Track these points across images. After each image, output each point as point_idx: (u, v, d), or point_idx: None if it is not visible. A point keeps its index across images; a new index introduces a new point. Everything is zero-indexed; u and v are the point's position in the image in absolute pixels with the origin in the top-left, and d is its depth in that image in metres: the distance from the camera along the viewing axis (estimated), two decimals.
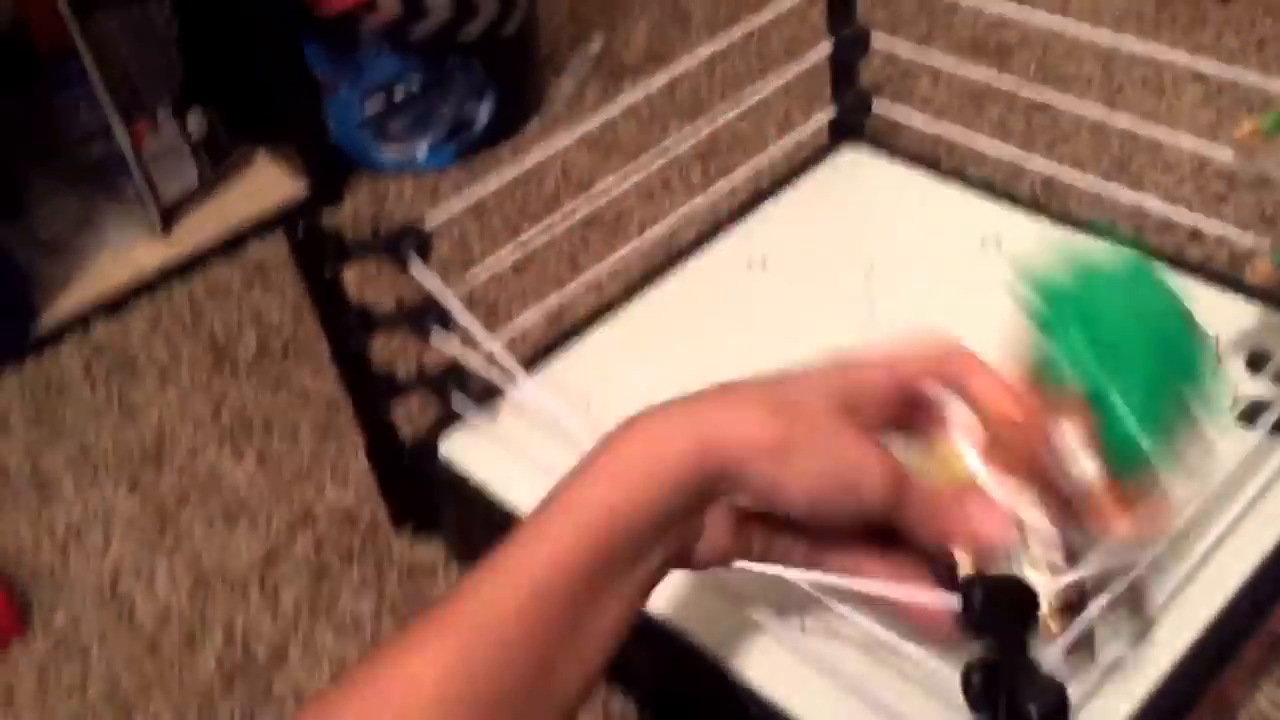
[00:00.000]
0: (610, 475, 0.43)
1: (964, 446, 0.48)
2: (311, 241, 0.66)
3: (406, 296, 0.71)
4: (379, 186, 1.12)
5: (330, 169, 1.11)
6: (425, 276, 0.67)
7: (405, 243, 0.67)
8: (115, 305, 1.00)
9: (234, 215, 1.08)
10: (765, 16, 0.85)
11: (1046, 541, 0.46)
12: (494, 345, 0.66)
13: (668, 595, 0.60)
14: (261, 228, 1.08)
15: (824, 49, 0.88)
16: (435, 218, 0.71)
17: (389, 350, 0.91)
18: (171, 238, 1.06)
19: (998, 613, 0.43)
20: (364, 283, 0.90)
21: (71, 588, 0.78)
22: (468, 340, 0.69)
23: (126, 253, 1.05)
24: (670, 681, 0.64)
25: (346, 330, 0.69)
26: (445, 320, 0.68)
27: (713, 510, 0.46)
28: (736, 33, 0.84)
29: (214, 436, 0.87)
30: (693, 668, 0.59)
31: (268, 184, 1.12)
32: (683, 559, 0.46)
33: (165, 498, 0.83)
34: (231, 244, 1.06)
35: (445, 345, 0.69)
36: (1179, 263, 0.77)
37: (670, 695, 0.65)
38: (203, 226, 1.07)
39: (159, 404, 0.90)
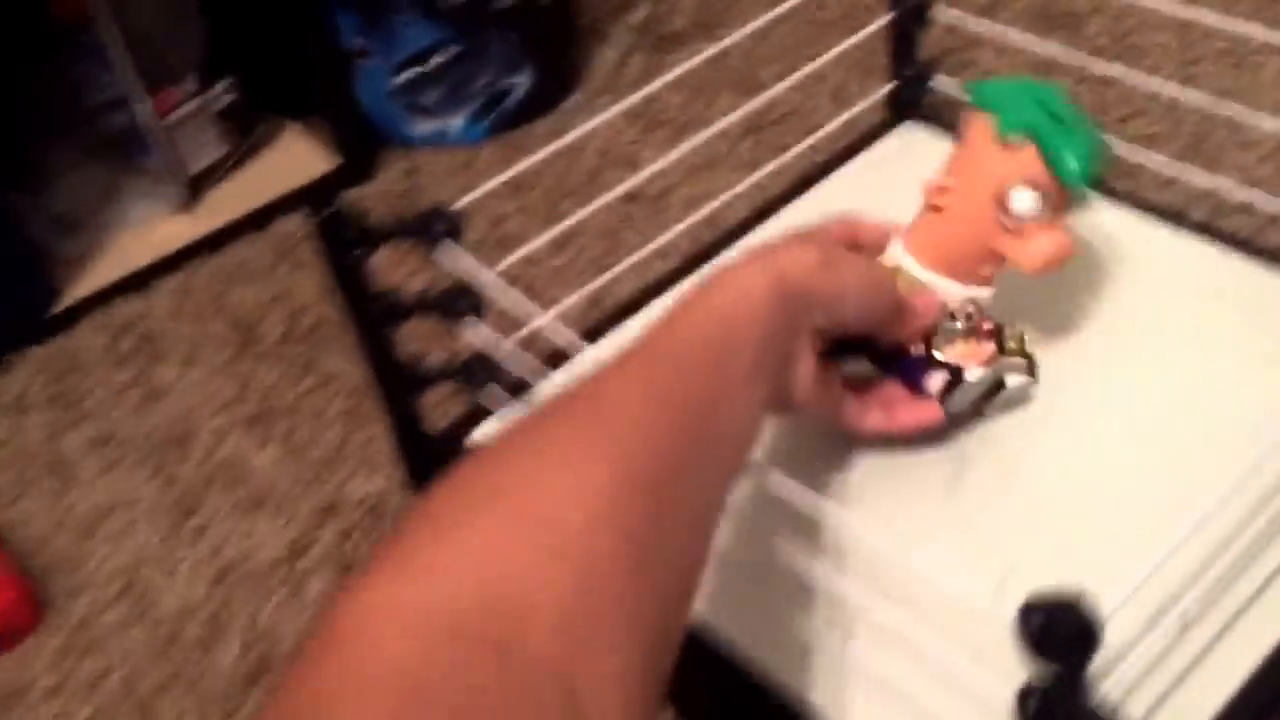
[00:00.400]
0: (711, 309, 0.47)
1: (902, 258, 0.60)
2: (336, 225, 0.62)
3: (437, 280, 0.67)
4: (411, 161, 1.08)
5: (361, 143, 1.07)
6: (458, 261, 0.62)
7: (435, 226, 0.62)
8: (139, 282, 0.97)
9: (262, 190, 1.05)
10: None
11: (960, 306, 0.59)
12: (545, 319, 0.62)
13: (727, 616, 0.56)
14: (290, 203, 1.04)
15: (882, 20, 0.83)
16: (468, 198, 0.67)
17: (421, 335, 0.87)
18: (197, 212, 1.03)
19: (1056, 638, 0.40)
20: (395, 262, 0.87)
21: (91, 577, 0.75)
22: (502, 328, 0.66)
23: (150, 228, 1.01)
24: (729, 707, 0.60)
25: (373, 318, 0.65)
26: (478, 307, 0.64)
27: (798, 354, 0.50)
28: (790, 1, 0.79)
29: (239, 421, 0.84)
30: (750, 692, 0.56)
31: (296, 158, 1.08)
32: (781, 399, 0.50)
33: (188, 484, 0.80)
34: (259, 219, 1.03)
35: (476, 335, 0.65)
36: (1255, 248, 0.72)
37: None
38: (229, 201, 1.04)
39: (183, 386, 0.87)
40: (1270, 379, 0.64)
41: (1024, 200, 0.57)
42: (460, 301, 0.64)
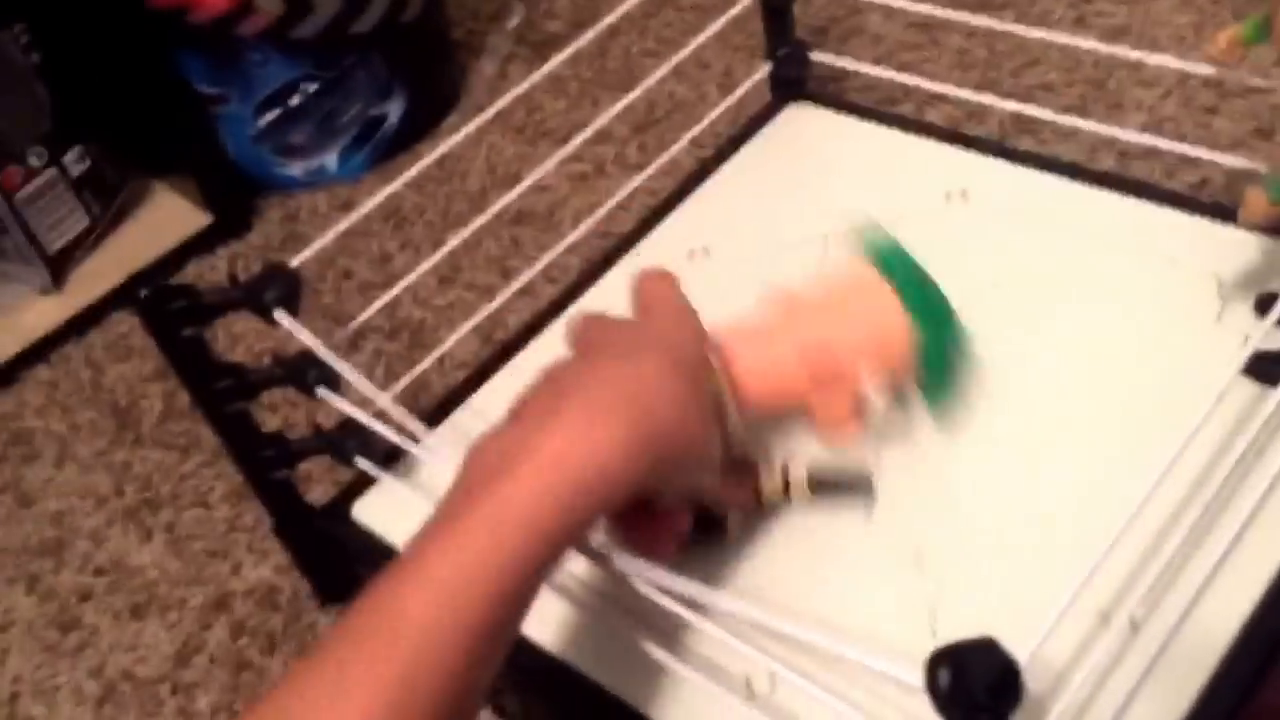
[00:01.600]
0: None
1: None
2: (159, 304, 0.56)
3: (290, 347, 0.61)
4: (290, 206, 1.02)
5: (233, 195, 1.01)
6: (296, 330, 0.57)
7: (267, 293, 0.57)
8: (7, 375, 0.91)
9: (134, 257, 0.98)
10: None
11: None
12: (386, 402, 0.56)
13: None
14: (166, 267, 0.98)
15: None
16: (306, 252, 0.61)
17: (288, 405, 0.81)
18: (65, 291, 0.97)
19: (969, 691, 0.36)
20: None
21: None
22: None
23: (15, 315, 0.95)
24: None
25: (220, 396, 0.59)
26: (330, 377, 0.58)
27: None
28: None
29: (118, 516, 0.78)
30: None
31: (169, 218, 1.02)
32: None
33: (67, 596, 0.74)
34: (132, 289, 0.96)
35: (337, 402, 0.60)
36: (1169, 195, 0.67)
37: None
38: (100, 274, 0.97)
39: (57, 486, 0.81)
40: (1199, 329, 0.59)
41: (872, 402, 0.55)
42: (309, 372, 0.58)
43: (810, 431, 0.58)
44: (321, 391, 0.59)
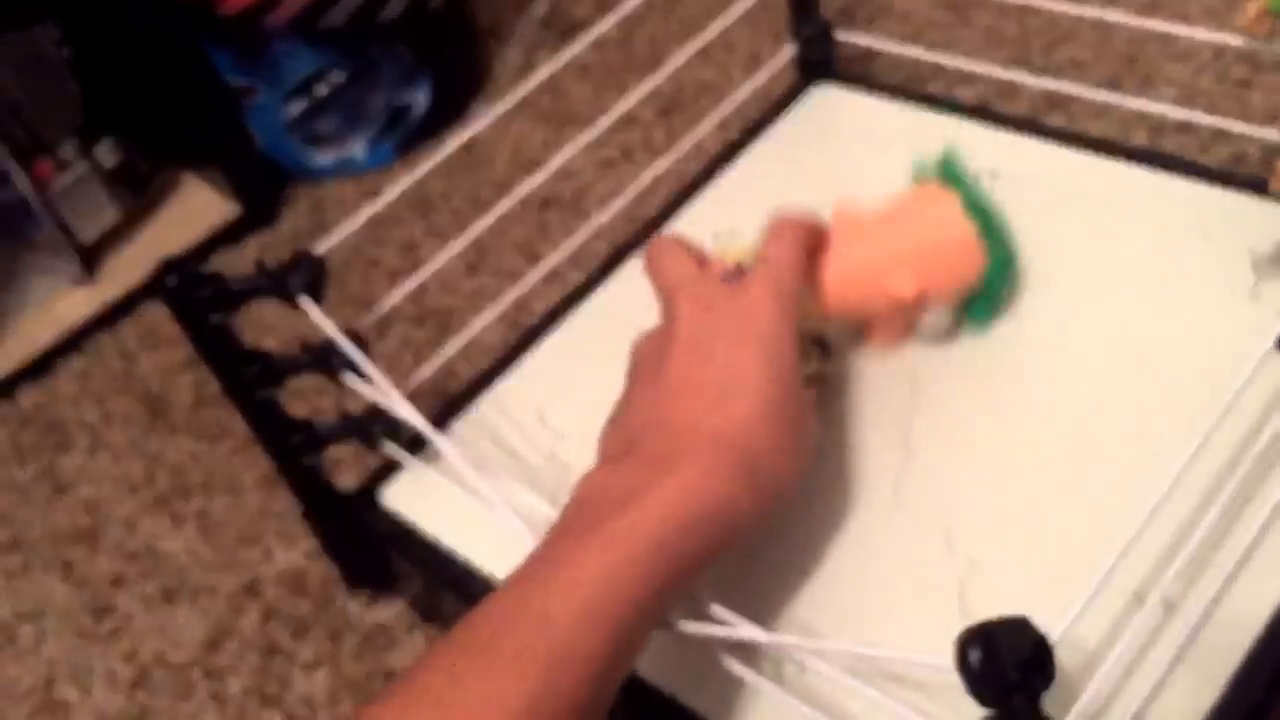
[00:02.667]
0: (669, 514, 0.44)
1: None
2: (187, 291, 0.57)
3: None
4: (318, 196, 1.02)
5: (261, 185, 1.01)
6: (318, 316, 0.57)
7: (294, 279, 0.57)
8: (40, 366, 0.91)
9: (163, 248, 0.99)
10: None
11: None
12: (397, 398, 0.56)
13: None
14: (197, 257, 0.99)
15: None
16: (334, 238, 0.61)
17: (316, 393, 0.81)
18: (97, 282, 0.97)
19: (1000, 670, 0.36)
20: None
21: (4, 696, 0.70)
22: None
23: (48, 306, 0.95)
24: None
25: (248, 382, 0.60)
26: (354, 362, 0.58)
27: None
28: None
29: (150, 503, 0.78)
30: None
31: (198, 209, 1.02)
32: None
33: (100, 582, 0.74)
34: (162, 279, 0.96)
35: (362, 388, 0.60)
36: (1202, 170, 0.66)
37: None
38: (131, 265, 0.98)
39: (90, 473, 0.81)
40: (1233, 304, 0.58)
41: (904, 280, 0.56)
42: (335, 358, 0.58)
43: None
44: (347, 378, 0.59)
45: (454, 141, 0.68)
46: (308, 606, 0.69)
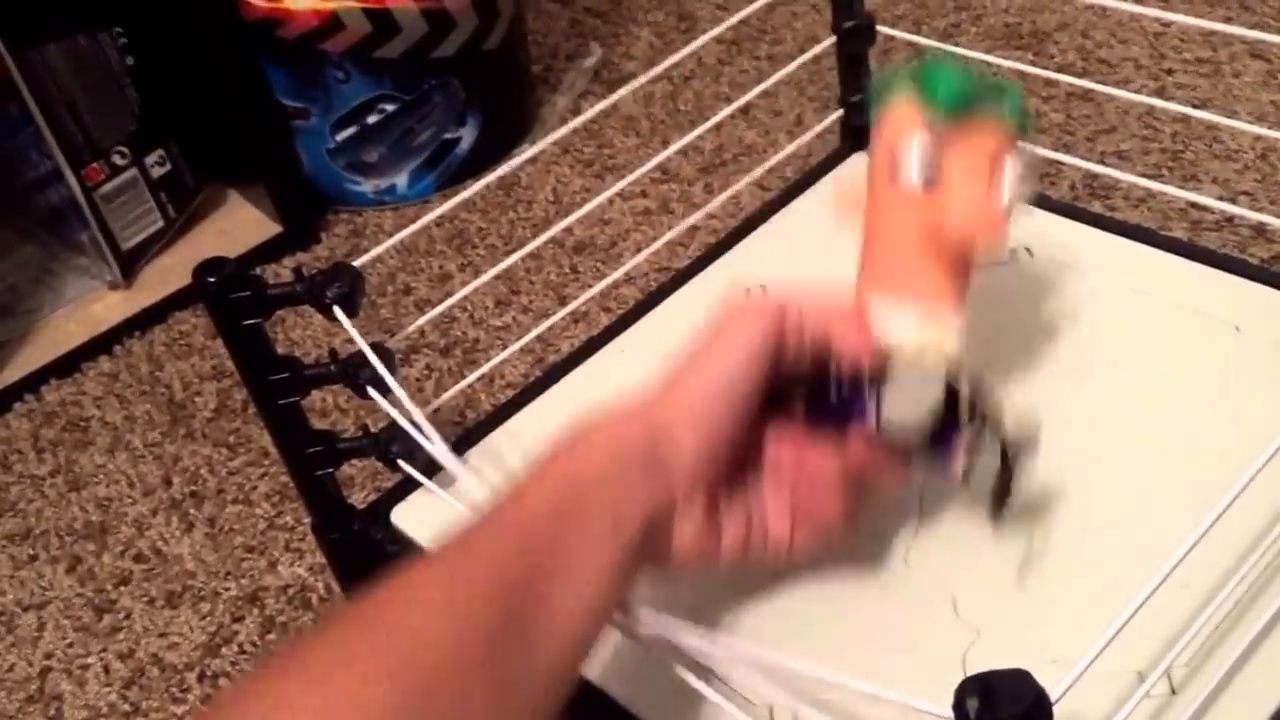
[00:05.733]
0: (563, 474, 0.44)
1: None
2: (225, 291, 0.58)
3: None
4: (357, 223, 1.03)
5: (303, 207, 1.03)
6: (350, 328, 0.57)
7: (327, 291, 0.57)
8: (69, 364, 0.92)
9: (201, 260, 1.00)
10: (770, 12, 0.75)
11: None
12: (419, 416, 0.56)
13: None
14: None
15: (824, 44, 0.78)
16: (365, 257, 0.62)
17: (338, 411, 0.82)
18: (134, 287, 0.99)
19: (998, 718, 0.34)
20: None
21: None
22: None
23: (83, 307, 0.97)
24: None
25: (274, 388, 0.60)
26: (380, 378, 0.58)
27: (672, 513, 0.45)
28: (740, 29, 0.74)
29: (163, 506, 0.78)
30: None
31: (240, 225, 1.04)
32: (658, 556, 0.45)
33: (106, 579, 0.74)
34: (199, 281, 0.97)
35: (385, 405, 0.60)
36: (1238, 264, 0.66)
37: None
38: (168, 274, 1.00)
39: (107, 472, 0.82)
40: (1263, 399, 0.58)
41: (910, 149, 0.48)
42: (363, 371, 0.59)
43: None
44: (372, 394, 0.59)
45: (493, 176, 0.69)
46: (307, 620, 0.69)
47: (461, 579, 0.40)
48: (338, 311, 0.57)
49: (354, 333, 0.57)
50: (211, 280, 0.58)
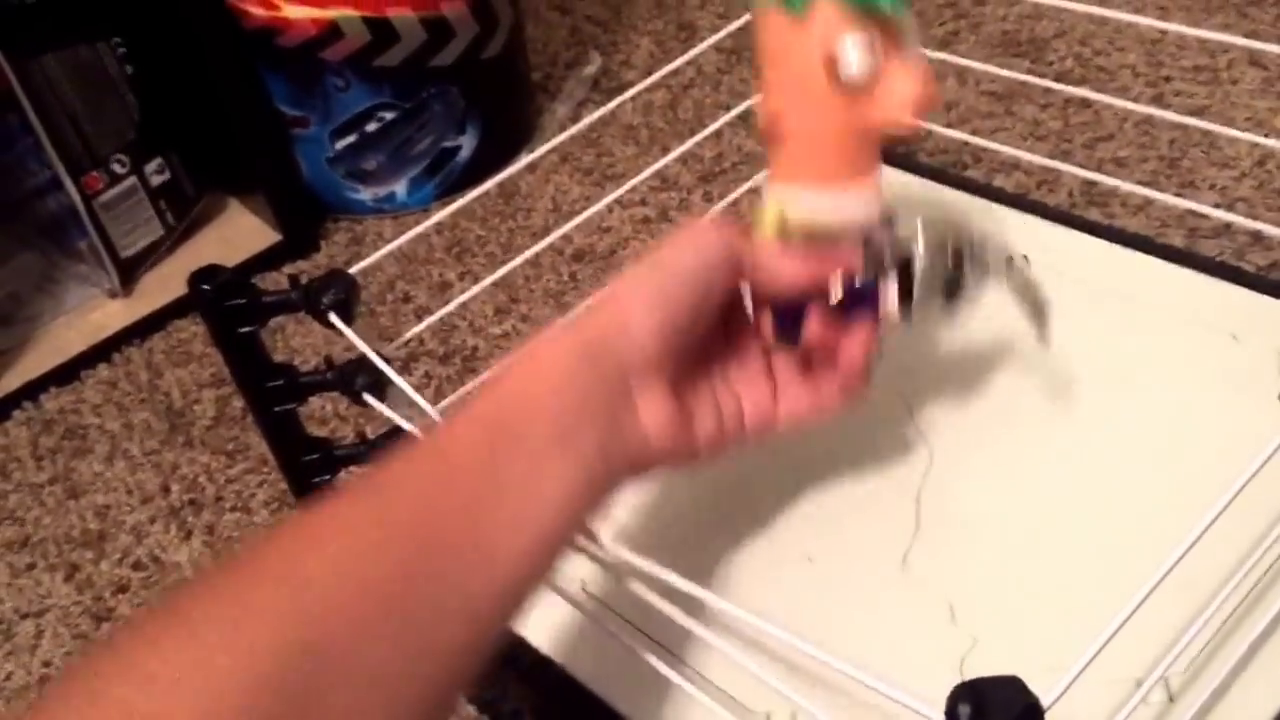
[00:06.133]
0: (497, 396, 0.42)
1: (781, 198, 0.51)
2: (220, 298, 0.58)
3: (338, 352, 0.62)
4: (357, 231, 1.03)
5: (303, 216, 1.03)
6: (348, 333, 0.57)
7: (326, 295, 0.57)
8: (69, 372, 0.92)
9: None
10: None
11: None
12: (420, 413, 0.56)
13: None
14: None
15: None
16: (361, 264, 0.62)
17: (337, 419, 0.82)
18: (134, 295, 0.99)
19: None
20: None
21: None
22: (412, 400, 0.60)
23: (83, 315, 0.97)
24: None
25: (270, 395, 0.60)
26: (376, 384, 0.59)
27: (632, 405, 0.43)
28: (740, 38, 0.74)
29: (161, 514, 0.78)
30: None
31: (239, 233, 1.04)
32: (631, 460, 0.43)
33: (103, 587, 0.74)
34: (195, 286, 0.97)
35: (384, 410, 0.60)
36: (1234, 272, 0.66)
37: None
38: (168, 282, 1.00)
39: (106, 480, 0.82)
40: (1259, 407, 0.58)
41: (852, 48, 0.47)
42: (359, 378, 0.59)
43: None
44: (368, 399, 0.60)
45: (492, 183, 0.69)
46: None
47: (367, 517, 0.37)
48: (333, 317, 0.57)
49: (350, 334, 0.57)
50: (206, 288, 0.57)
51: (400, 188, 1.04)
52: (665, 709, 0.51)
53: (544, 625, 0.56)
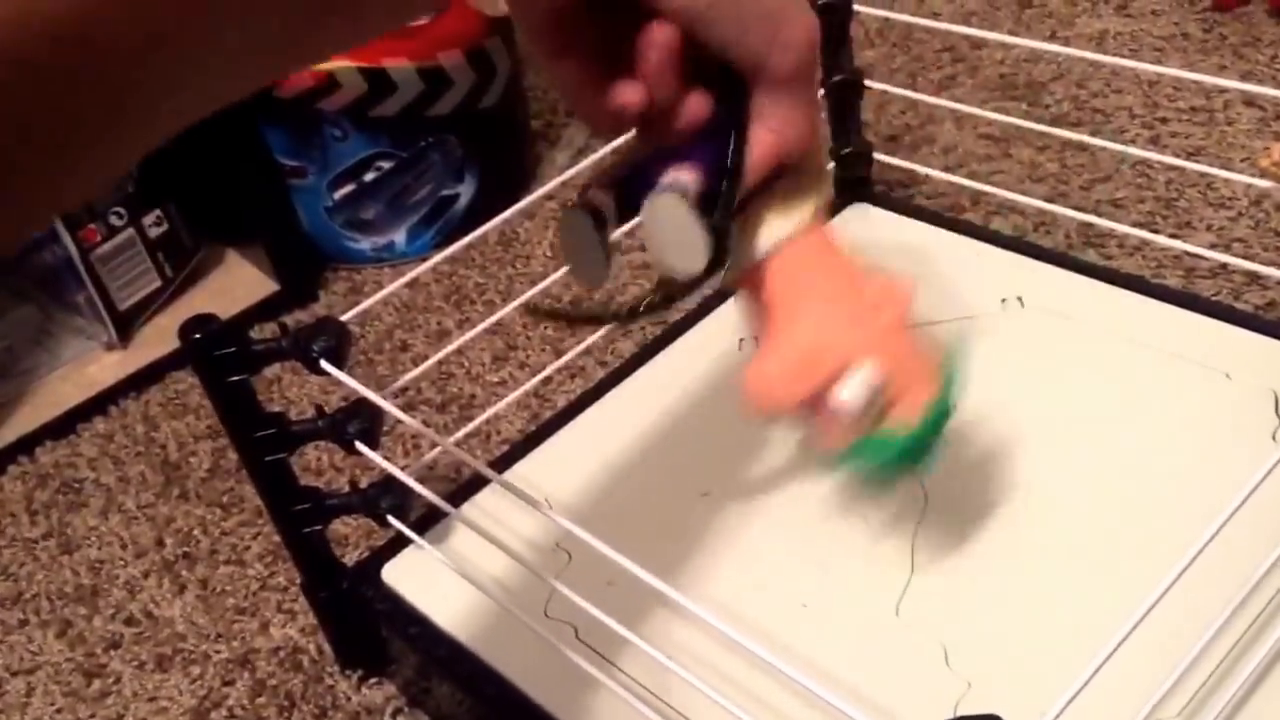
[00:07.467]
0: None
1: None
2: (211, 347, 0.57)
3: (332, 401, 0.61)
4: (356, 280, 1.03)
5: (301, 266, 1.03)
6: (341, 377, 0.57)
7: (314, 344, 0.57)
8: (65, 425, 0.92)
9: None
10: None
11: None
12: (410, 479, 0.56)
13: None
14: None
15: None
16: (353, 311, 0.62)
17: (332, 469, 0.82)
18: (131, 347, 0.99)
19: None
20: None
21: None
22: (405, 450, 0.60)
23: (79, 368, 0.97)
24: None
25: (261, 445, 0.60)
26: (368, 431, 0.58)
27: None
28: None
29: (155, 568, 0.78)
30: None
31: (238, 284, 1.04)
32: None
33: (96, 643, 0.74)
34: (187, 335, 0.97)
35: (375, 459, 0.59)
36: (1229, 312, 0.66)
37: None
38: (165, 334, 0.99)
39: (100, 534, 0.81)
40: (1255, 445, 0.57)
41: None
42: (350, 426, 0.58)
43: None
44: (360, 447, 0.59)
45: (487, 227, 0.69)
46: (298, 682, 0.68)
47: None
48: (325, 363, 0.57)
49: (342, 376, 0.57)
50: (197, 336, 0.57)
51: (399, 236, 1.04)
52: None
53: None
